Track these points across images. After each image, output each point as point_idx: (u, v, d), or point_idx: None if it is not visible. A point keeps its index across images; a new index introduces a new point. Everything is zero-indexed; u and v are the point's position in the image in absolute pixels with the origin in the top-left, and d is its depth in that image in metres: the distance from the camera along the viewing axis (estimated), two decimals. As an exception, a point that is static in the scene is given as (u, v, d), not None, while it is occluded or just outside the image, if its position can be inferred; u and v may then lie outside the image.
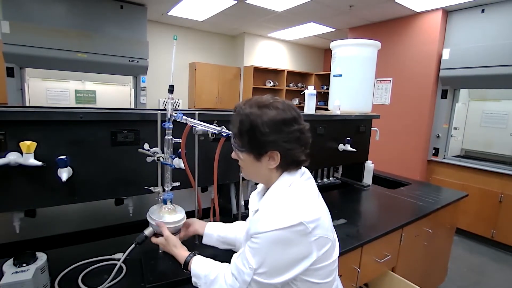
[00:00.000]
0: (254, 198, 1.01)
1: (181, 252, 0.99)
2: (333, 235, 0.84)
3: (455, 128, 3.85)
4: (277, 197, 0.81)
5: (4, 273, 0.84)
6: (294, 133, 0.80)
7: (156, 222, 1.02)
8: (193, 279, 0.92)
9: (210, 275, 0.88)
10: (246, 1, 3.67)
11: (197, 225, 1.16)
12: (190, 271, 0.94)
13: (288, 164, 0.84)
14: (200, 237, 1.17)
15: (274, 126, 0.78)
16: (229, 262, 0.92)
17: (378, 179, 2.54)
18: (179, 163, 1.17)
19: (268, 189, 0.89)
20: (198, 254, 0.98)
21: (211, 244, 1.16)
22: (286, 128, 0.79)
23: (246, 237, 0.84)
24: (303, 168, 0.89)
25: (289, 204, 0.78)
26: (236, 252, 0.95)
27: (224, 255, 1.19)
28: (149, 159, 1.11)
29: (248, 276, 0.77)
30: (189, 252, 0.99)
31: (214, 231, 1.15)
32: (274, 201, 0.81)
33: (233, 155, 0.90)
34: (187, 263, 0.95)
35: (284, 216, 0.74)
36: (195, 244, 1.27)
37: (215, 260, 1.09)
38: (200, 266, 0.92)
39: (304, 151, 0.84)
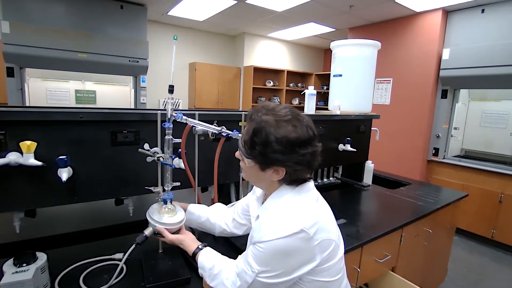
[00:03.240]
0: (253, 204, 1.02)
1: (190, 246, 1.01)
2: (336, 234, 0.84)
3: (455, 128, 3.85)
4: (277, 206, 0.83)
5: (4, 273, 0.84)
6: (305, 156, 0.78)
7: (157, 228, 1.02)
8: (199, 270, 0.94)
9: (213, 269, 0.90)
10: (246, 1, 3.67)
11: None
12: (197, 263, 0.96)
13: (291, 181, 0.84)
14: (199, 236, 1.17)
15: (287, 145, 0.75)
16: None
17: (378, 179, 2.54)
18: (179, 163, 1.17)
19: (265, 195, 0.91)
20: (206, 246, 1.00)
21: (191, 226, 1.20)
22: (299, 149, 0.76)
23: (250, 242, 0.86)
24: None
25: (289, 212, 0.79)
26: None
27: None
28: (149, 159, 1.11)
29: (250, 278, 0.79)
30: (198, 244, 1.00)
31: (193, 214, 1.18)
32: (274, 209, 0.82)
33: (237, 154, 0.90)
34: (195, 255, 0.97)
35: (285, 225, 0.75)
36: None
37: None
38: (206, 258, 0.94)
39: (311, 171, 0.84)
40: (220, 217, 1.20)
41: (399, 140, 4.04)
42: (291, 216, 0.78)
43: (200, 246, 0.99)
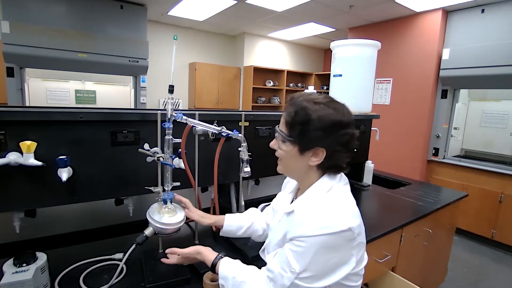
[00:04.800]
0: (285, 198, 0.97)
1: (208, 256, 0.94)
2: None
3: (455, 128, 3.85)
4: (319, 200, 0.79)
5: (4, 273, 0.84)
6: (345, 136, 0.79)
7: (167, 251, 0.99)
8: (220, 281, 0.88)
9: (238, 277, 0.84)
10: (246, 1, 3.67)
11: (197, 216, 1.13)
12: (217, 273, 0.90)
13: (329, 167, 0.83)
14: (199, 236, 1.17)
15: (328, 124, 0.77)
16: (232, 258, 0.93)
17: (378, 179, 2.54)
18: (179, 163, 1.17)
19: (299, 189, 0.89)
20: (224, 256, 0.94)
21: (229, 236, 1.14)
22: (340, 129, 0.78)
23: (283, 239, 0.83)
24: (342, 173, 0.87)
25: (335, 209, 0.76)
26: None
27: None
28: (149, 159, 1.11)
29: (288, 280, 0.74)
30: (216, 254, 0.94)
31: (233, 226, 1.13)
32: (317, 204, 0.78)
33: (273, 144, 0.88)
34: (214, 265, 0.92)
35: (333, 221, 0.72)
36: (195, 244, 1.27)
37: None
38: (228, 268, 0.88)
39: (348, 157, 0.83)
40: (258, 222, 1.15)
41: (399, 140, 4.04)
42: (339, 213, 0.75)
43: (219, 256, 0.93)
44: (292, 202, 0.93)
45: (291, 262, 0.74)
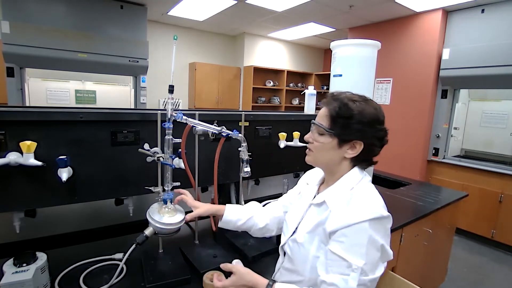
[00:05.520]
0: (309, 190, 0.97)
1: (258, 282, 0.84)
2: None
3: (455, 128, 3.85)
4: (356, 190, 0.83)
5: (4, 273, 0.84)
6: (381, 132, 0.85)
7: (215, 286, 0.87)
8: None
9: None
10: (246, 1, 3.67)
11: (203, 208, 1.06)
12: None
13: (363, 160, 0.87)
14: (199, 236, 1.17)
15: (370, 119, 0.82)
16: (230, 259, 0.91)
17: (378, 179, 2.54)
18: (179, 163, 1.17)
19: (323, 182, 0.92)
20: (275, 281, 0.83)
21: (228, 228, 1.09)
22: (377, 125, 0.84)
23: (315, 230, 0.83)
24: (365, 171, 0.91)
25: (372, 197, 0.81)
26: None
27: (221, 255, 1.19)
28: (149, 159, 1.11)
29: (354, 281, 0.70)
30: (267, 281, 0.82)
31: (233, 216, 1.07)
32: (354, 193, 0.82)
33: (308, 137, 0.90)
34: None
35: (375, 207, 0.76)
36: (195, 244, 1.27)
37: (214, 258, 1.08)
38: None
39: (379, 152, 0.88)
40: (258, 215, 1.11)
41: (399, 140, 4.03)
42: (377, 201, 0.80)
43: (270, 283, 0.82)
44: (316, 194, 0.93)
45: (349, 259, 0.71)
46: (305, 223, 0.89)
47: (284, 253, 0.94)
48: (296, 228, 0.91)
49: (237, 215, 1.07)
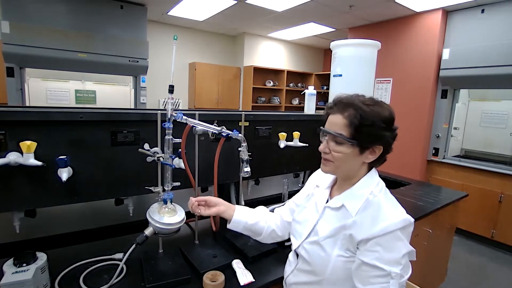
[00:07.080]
0: (322, 192, 0.95)
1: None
2: None
3: (455, 128, 3.85)
4: (379, 195, 0.83)
5: (4, 273, 0.84)
6: (395, 132, 0.86)
7: None
8: None
9: None
10: (246, 1, 3.67)
11: (222, 208, 1.05)
12: None
13: (379, 161, 0.87)
14: (199, 236, 1.17)
15: (389, 123, 0.83)
16: (230, 259, 0.90)
17: (378, 179, 2.53)
18: (179, 163, 1.17)
19: (335, 184, 0.93)
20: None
21: (237, 230, 1.08)
22: (392, 126, 0.85)
23: (337, 233, 0.82)
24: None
25: (396, 203, 0.83)
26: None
27: (221, 255, 1.19)
28: (149, 159, 1.11)
29: (394, 287, 0.72)
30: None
31: (242, 217, 1.06)
32: (381, 199, 0.82)
33: (323, 147, 0.85)
34: None
35: (402, 214, 0.77)
36: (195, 244, 1.27)
37: (214, 258, 1.08)
38: None
39: (392, 149, 0.88)
40: (265, 220, 1.10)
41: (399, 140, 3.92)
42: (400, 207, 0.82)
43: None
44: (329, 197, 0.93)
45: (386, 268, 0.72)
46: (323, 227, 0.86)
47: (297, 255, 0.93)
48: (311, 230, 0.89)
49: (247, 217, 1.06)
